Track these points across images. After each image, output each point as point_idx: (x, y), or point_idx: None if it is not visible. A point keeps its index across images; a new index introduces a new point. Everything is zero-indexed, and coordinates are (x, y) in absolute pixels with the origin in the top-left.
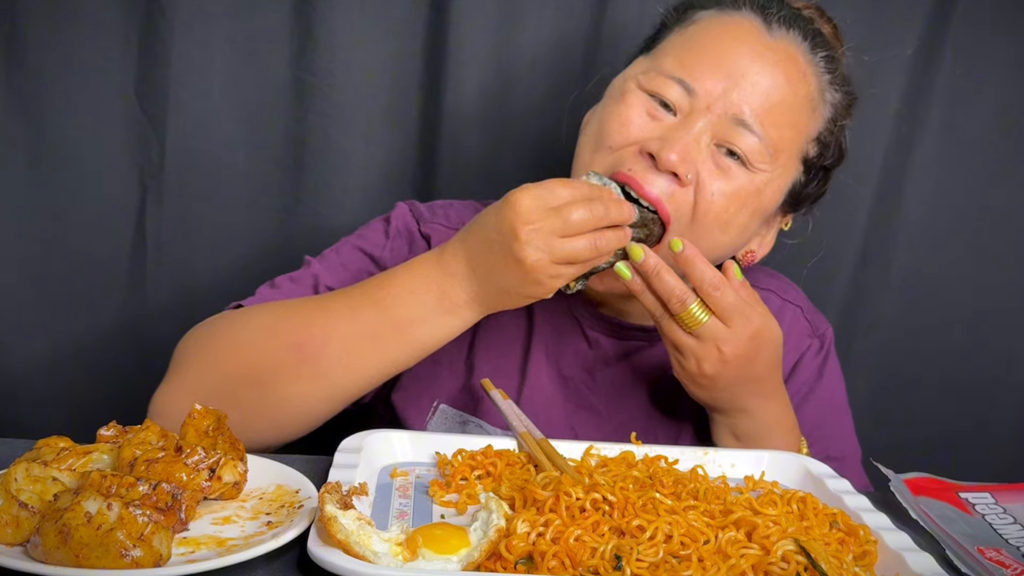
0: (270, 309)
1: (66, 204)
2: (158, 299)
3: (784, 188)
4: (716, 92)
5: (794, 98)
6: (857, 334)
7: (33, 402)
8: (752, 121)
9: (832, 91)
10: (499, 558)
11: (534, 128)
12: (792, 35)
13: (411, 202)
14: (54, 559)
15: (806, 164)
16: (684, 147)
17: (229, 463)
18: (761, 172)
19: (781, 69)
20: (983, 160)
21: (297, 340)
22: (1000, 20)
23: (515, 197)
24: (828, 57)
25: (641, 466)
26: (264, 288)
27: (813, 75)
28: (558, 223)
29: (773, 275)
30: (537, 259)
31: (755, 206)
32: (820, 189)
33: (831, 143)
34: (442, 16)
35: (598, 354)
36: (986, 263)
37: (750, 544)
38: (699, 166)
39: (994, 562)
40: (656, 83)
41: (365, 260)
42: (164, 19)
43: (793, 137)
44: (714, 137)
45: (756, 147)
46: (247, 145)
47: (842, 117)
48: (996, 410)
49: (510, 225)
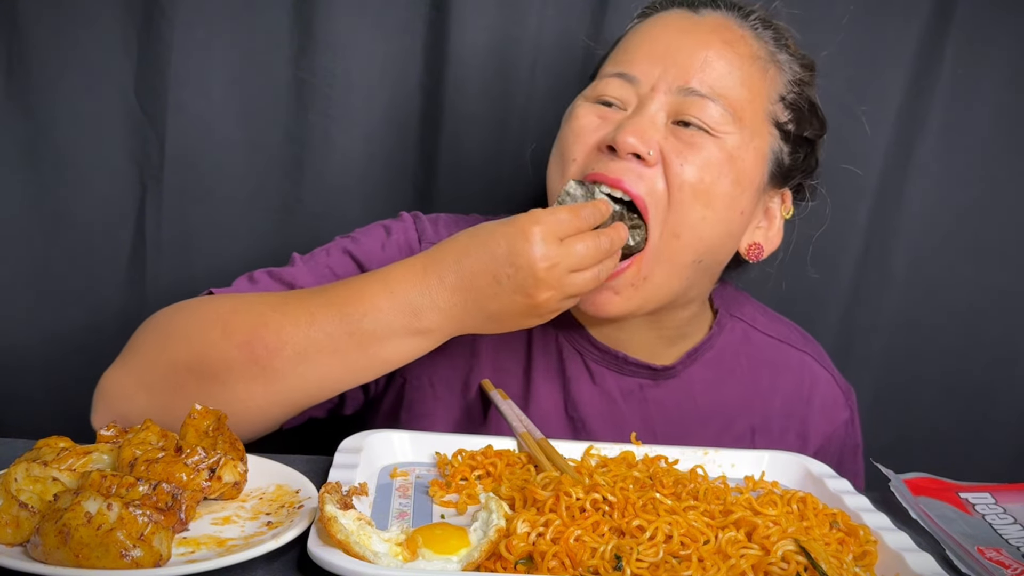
0: (229, 301)
1: (66, 204)
2: (158, 299)
3: (763, 154)
4: (656, 73)
5: (738, 58)
6: (857, 334)
7: (33, 402)
8: (701, 87)
9: (780, 51)
10: (499, 558)
11: (534, 128)
12: (720, 12)
13: (416, 214)
14: (54, 559)
15: (781, 130)
16: (638, 127)
17: (229, 463)
18: (728, 135)
19: (716, 36)
20: (983, 160)
21: (247, 338)
22: (1000, 20)
23: (531, 231)
24: (764, 20)
25: (641, 466)
26: (241, 280)
27: (752, 37)
28: (572, 260)
29: (805, 336)
30: (549, 297)
31: (734, 174)
32: (808, 162)
33: (801, 107)
34: (442, 16)
35: (603, 391)
36: (987, 263)
37: (750, 544)
38: (661, 144)
39: (994, 562)
40: (598, 88)
41: (352, 267)
42: (164, 19)
43: (751, 97)
44: (670, 114)
45: (714, 111)
46: (247, 145)
47: (804, 81)
48: (996, 410)
49: (528, 262)
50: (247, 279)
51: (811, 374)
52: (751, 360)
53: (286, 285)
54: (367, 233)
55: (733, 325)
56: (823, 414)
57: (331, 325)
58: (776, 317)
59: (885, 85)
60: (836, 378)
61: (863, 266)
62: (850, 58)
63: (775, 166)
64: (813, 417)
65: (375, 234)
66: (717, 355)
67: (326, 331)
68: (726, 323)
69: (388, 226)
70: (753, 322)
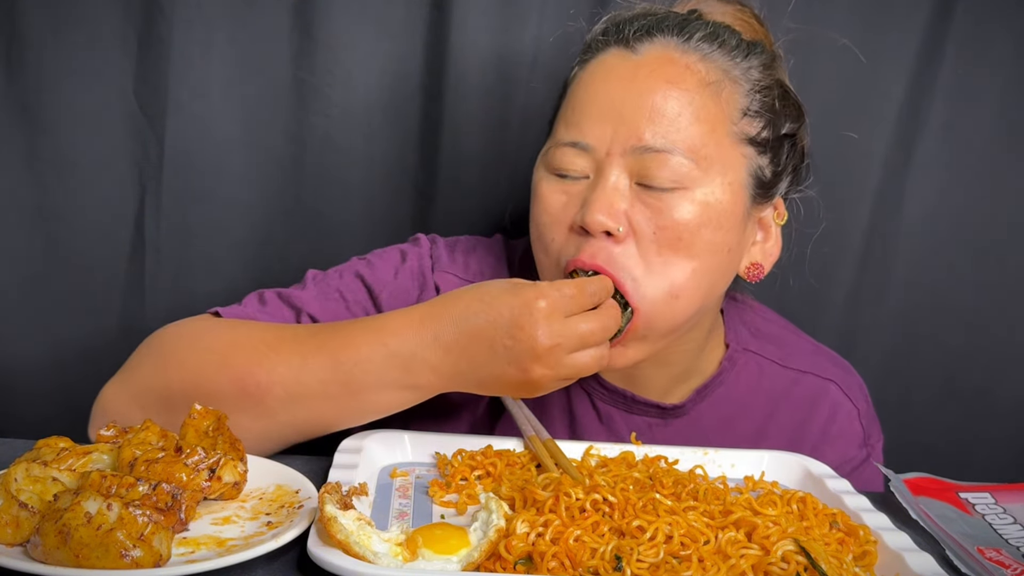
0: (229, 332)
1: (65, 204)
2: (157, 299)
3: (740, 182)
4: (607, 135)
5: (686, 94)
6: (858, 334)
7: (33, 402)
8: (655, 141)
9: (735, 63)
10: (499, 558)
11: (534, 128)
12: (657, 40)
13: (433, 237)
14: (54, 559)
15: (755, 144)
16: (604, 202)
17: (229, 463)
18: (696, 183)
19: (657, 76)
20: (984, 160)
21: (240, 374)
22: (1001, 20)
23: (535, 307)
24: (708, 36)
25: (641, 466)
26: (252, 298)
27: (698, 61)
28: (574, 342)
29: (838, 364)
30: (543, 375)
31: (712, 220)
32: (792, 159)
33: (772, 107)
34: (442, 16)
35: (611, 430)
36: (987, 264)
37: (750, 544)
38: (629, 213)
39: (994, 562)
40: (555, 158)
41: (363, 294)
42: (164, 19)
43: (710, 129)
44: (632, 176)
45: (675, 163)
46: (247, 145)
47: (766, 78)
48: (996, 410)
49: (528, 337)
50: (258, 299)
51: (831, 403)
52: (767, 395)
53: (294, 309)
54: (382, 257)
55: (747, 361)
56: (835, 446)
57: (323, 371)
58: (803, 345)
59: (885, 85)
60: (861, 413)
61: (863, 266)
62: (850, 58)
63: (756, 186)
64: (825, 447)
65: (390, 259)
66: (728, 392)
67: (318, 376)
68: (738, 359)
69: (404, 251)
70: (769, 355)
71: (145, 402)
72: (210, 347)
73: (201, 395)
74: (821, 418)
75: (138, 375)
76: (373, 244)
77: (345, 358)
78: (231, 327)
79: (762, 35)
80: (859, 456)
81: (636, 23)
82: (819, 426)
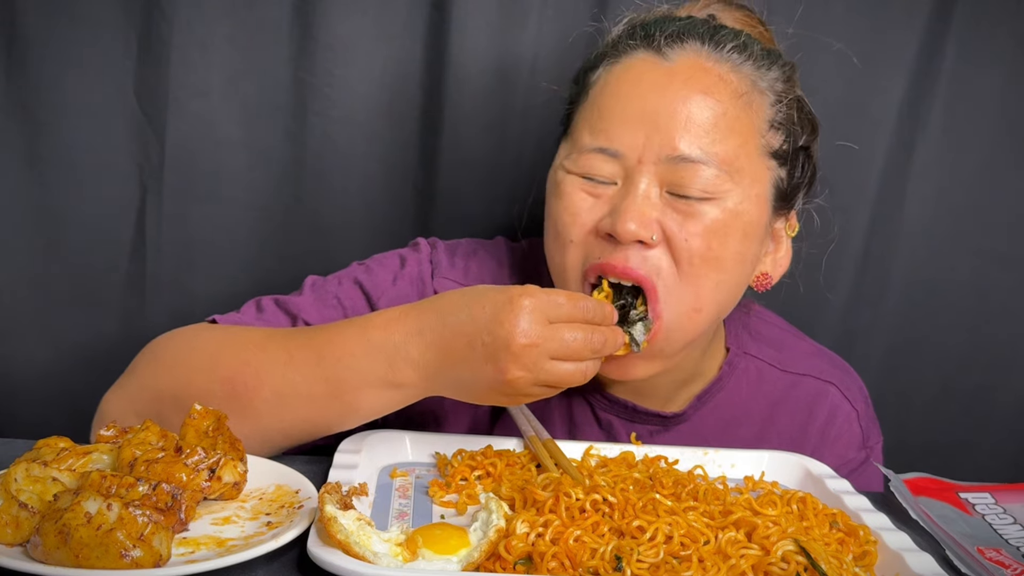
0: (220, 334)
1: (65, 204)
2: (158, 299)
3: (765, 194)
4: (639, 143)
5: (720, 105)
6: (858, 335)
7: (33, 402)
8: (690, 151)
9: (761, 75)
10: (499, 558)
11: (534, 128)
12: (688, 47)
13: (433, 241)
14: (54, 559)
15: (777, 157)
16: (636, 211)
17: (229, 463)
18: (727, 193)
19: (692, 86)
20: (984, 160)
21: (229, 375)
22: (1001, 20)
23: (519, 303)
24: (739, 47)
25: (641, 467)
26: (249, 306)
27: (730, 72)
28: (555, 346)
29: (838, 365)
30: (520, 376)
31: (740, 230)
32: (806, 172)
33: (791, 119)
34: (443, 16)
35: (612, 439)
36: (987, 264)
37: (750, 544)
38: (660, 220)
39: (994, 562)
40: (581, 163)
41: (361, 300)
42: (164, 19)
43: (742, 141)
44: (663, 184)
45: (708, 173)
46: (247, 145)
47: (788, 91)
48: (997, 411)
49: (506, 333)
50: (255, 306)
51: (830, 405)
52: (766, 400)
53: (291, 316)
54: (381, 263)
55: (747, 365)
56: (834, 448)
57: (308, 368)
58: (802, 347)
59: (885, 85)
60: (860, 415)
61: (864, 268)
62: (850, 58)
63: (777, 198)
64: (824, 449)
65: (389, 265)
66: (728, 397)
67: (303, 373)
68: (738, 363)
69: (404, 257)
70: (769, 359)
71: (139, 408)
72: (202, 351)
73: (190, 396)
74: (820, 420)
75: (133, 381)
76: (372, 243)
77: (328, 353)
78: (223, 331)
79: (769, 41)
80: (858, 458)
81: (664, 27)
82: (818, 428)
